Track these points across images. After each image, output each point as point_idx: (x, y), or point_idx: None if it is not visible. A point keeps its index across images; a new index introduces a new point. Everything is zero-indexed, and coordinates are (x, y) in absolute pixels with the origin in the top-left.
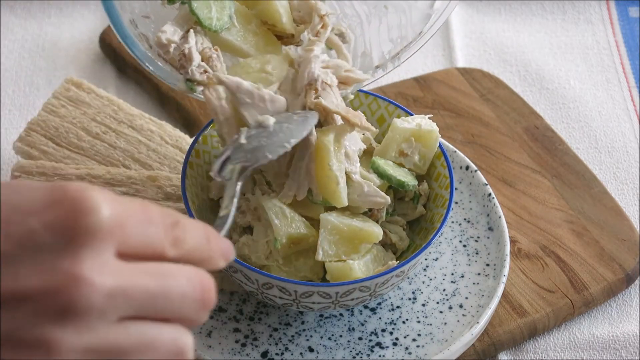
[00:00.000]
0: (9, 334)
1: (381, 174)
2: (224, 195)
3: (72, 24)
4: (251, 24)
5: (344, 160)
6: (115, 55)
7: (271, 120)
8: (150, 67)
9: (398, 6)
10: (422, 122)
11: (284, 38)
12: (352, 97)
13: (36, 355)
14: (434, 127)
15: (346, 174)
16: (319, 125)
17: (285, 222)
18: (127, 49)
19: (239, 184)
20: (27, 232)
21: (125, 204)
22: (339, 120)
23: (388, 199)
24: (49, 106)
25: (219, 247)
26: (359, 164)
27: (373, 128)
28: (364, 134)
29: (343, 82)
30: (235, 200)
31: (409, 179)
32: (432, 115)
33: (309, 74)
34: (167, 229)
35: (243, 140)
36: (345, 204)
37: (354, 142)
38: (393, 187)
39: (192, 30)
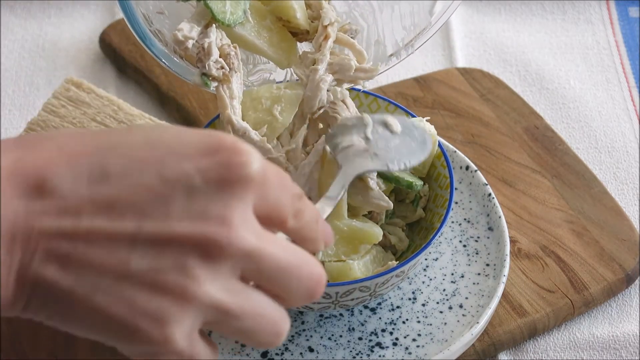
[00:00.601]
0: (153, 274)
1: (389, 177)
2: (334, 181)
3: (72, 24)
4: (266, 19)
5: None
6: (115, 55)
7: (399, 127)
8: (168, 64)
9: None
10: (422, 123)
11: (299, 34)
12: (367, 86)
13: (175, 297)
14: (432, 131)
15: (362, 178)
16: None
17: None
18: (145, 47)
19: (354, 176)
20: (182, 175)
21: (269, 164)
22: None
23: (391, 203)
24: (49, 106)
25: (324, 230)
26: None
27: None
28: None
29: (351, 81)
30: (345, 190)
31: (416, 180)
32: (430, 117)
33: (319, 101)
34: (294, 199)
35: (370, 133)
36: (345, 217)
37: None
38: (394, 190)
39: (213, 26)
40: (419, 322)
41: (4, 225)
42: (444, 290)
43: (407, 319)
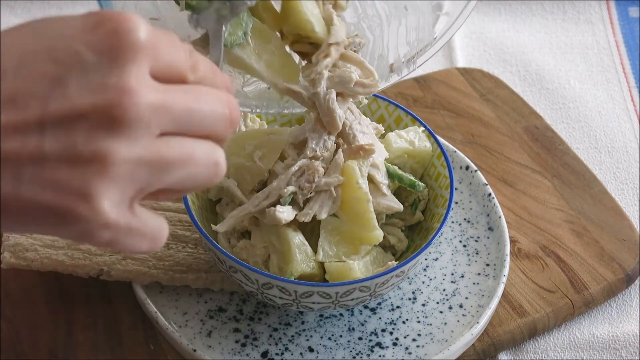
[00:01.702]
0: (67, 151)
1: (392, 175)
2: (210, 44)
3: None
4: (270, 43)
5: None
6: None
7: None
8: None
9: (417, 7)
10: (417, 138)
11: (309, 54)
12: (366, 102)
13: (93, 169)
14: (427, 145)
15: (375, 185)
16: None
17: (304, 259)
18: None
19: (224, 29)
20: (73, 54)
21: (155, 29)
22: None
23: (401, 205)
24: None
25: (222, 78)
26: (386, 174)
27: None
28: None
29: (350, 96)
30: (222, 43)
31: (418, 180)
32: (424, 129)
33: (340, 118)
34: (187, 54)
35: None
36: (378, 230)
37: (380, 153)
38: (394, 193)
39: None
40: (419, 322)
41: None
42: (444, 290)
43: (407, 319)
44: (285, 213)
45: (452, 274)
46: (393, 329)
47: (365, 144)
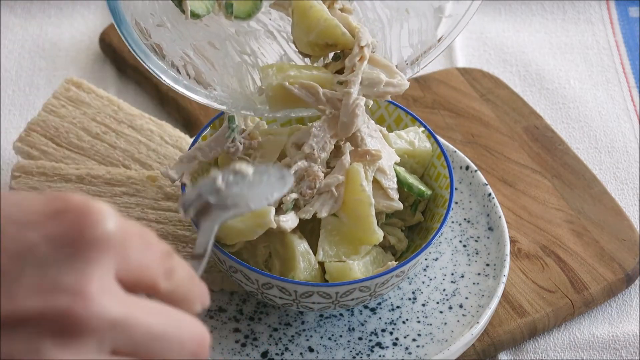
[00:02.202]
0: (5, 358)
1: (402, 182)
2: (198, 236)
3: (72, 24)
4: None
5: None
6: (115, 55)
7: (250, 170)
8: (167, 80)
9: (419, 10)
10: (417, 138)
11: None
12: (371, 103)
13: None
14: (427, 145)
15: (383, 190)
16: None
17: (307, 267)
18: (140, 60)
19: (216, 228)
20: (26, 246)
21: (127, 221)
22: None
23: (401, 204)
24: (49, 106)
25: (199, 289)
26: (395, 179)
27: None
28: None
29: (380, 96)
30: (210, 245)
31: (426, 188)
32: (424, 130)
33: (355, 126)
34: (163, 257)
35: (220, 184)
36: (377, 234)
37: (389, 157)
38: None
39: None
40: (419, 322)
41: None
42: (444, 290)
43: (407, 319)
44: (290, 221)
45: (452, 274)
46: (393, 329)
47: (372, 149)
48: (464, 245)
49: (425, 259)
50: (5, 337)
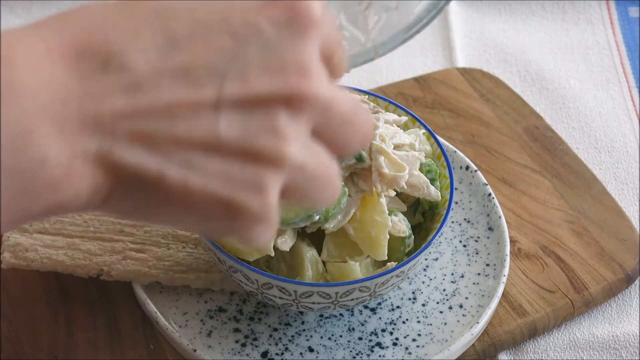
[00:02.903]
0: (243, 141)
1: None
2: None
3: None
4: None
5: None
6: None
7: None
8: None
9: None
10: (417, 140)
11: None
12: (367, 87)
13: (268, 162)
14: (427, 148)
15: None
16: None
17: (314, 276)
18: None
19: None
20: (252, 27)
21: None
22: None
23: (404, 205)
24: None
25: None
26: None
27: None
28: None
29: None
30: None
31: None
32: (424, 131)
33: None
34: (339, 36)
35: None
36: (385, 256)
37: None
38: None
39: None
40: (419, 322)
41: (62, 111)
42: (444, 290)
43: (407, 319)
44: (288, 240)
45: (452, 274)
46: (393, 329)
47: (397, 174)
48: (464, 245)
49: (425, 259)
50: (244, 117)
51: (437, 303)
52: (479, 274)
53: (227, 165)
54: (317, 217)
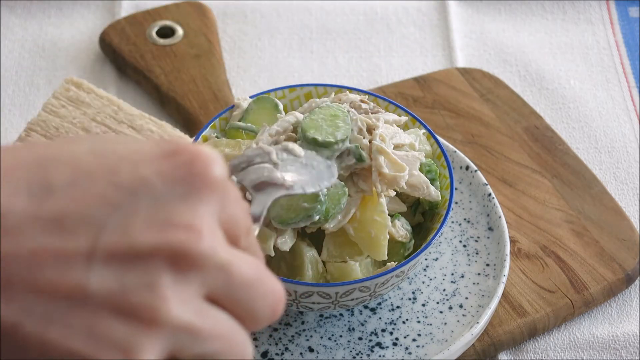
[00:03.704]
0: (116, 296)
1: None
2: (252, 204)
3: (72, 24)
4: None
5: None
6: (115, 55)
7: (302, 152)
8: None
9: None
10: (417, 140)
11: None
12: (367, 87)
13: (142, 322)
14: (427, 148)
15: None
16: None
17: (314, 276)
18: None
19: (269, 203)
20: (139, 180)
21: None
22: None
23: (404, 206)
24: (49, 106)
25: (261, 253)
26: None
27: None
28: None
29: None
30: (263, 216)
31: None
32: (424, 132)
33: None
34: (247, 215)
35: (276, 159)
36: (385, 256)
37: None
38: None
39: None
40: (419, 322)
41: None
42: (444, 290)
43: (407, 319)
44: (288, 240)
45: (452, 274)
46: (393, 329)
47: (397, 174)
48: (464, 245)
49: (425, 259)
50: (119, 271)
51: (437, 303)
52: (479, 274)
53: (94, 321)
54: (317, 217)
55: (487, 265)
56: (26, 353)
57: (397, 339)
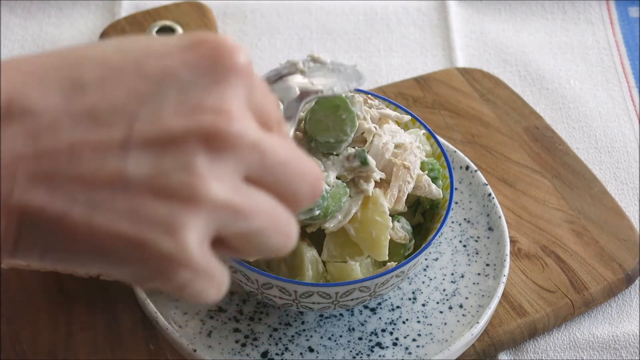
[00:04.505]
0: (153, 178)
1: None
2: (283, 110)
3: (72, 24)
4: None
5: None
6: None
7: (328, 59)
8: None
9: None
10: (417, 141)
11: None
12: (367, 87)
13: (181, 200)
14: (427, 148)
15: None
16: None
17: (315, 276)
18: None
19: (301, 107)
20: (166, 71)
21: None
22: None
23: (405, 206)
24: None
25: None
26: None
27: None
28: None
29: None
30: (296, 118)
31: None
32: (425, 132)
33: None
34: (277, 107)
35: (302, 67)
36: (386, 257)
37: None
38: None
39: None
40: (419, 322)
41: None
42: (444, 290)
43: (407, 319)
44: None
45: (452, 274)
46: (393, 329)
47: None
48: (464, 245)
49: (425, 259)
50: (154, 156)
51: (437, 303)
52: (479, 274)
53: (136, 204)
54: (318, 212)
55: (487, 265)
56: (75, 243)
57: (397, 339)
